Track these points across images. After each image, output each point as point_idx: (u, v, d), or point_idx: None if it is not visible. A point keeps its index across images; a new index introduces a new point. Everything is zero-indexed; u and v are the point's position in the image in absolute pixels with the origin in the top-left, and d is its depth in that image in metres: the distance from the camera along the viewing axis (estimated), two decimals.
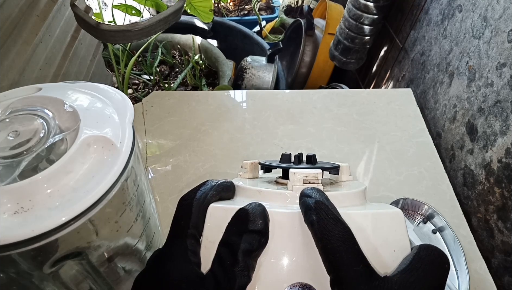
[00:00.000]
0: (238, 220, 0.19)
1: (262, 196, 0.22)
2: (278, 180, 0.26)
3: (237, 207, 0.20)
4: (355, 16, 0.85)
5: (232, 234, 0.19)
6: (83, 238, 0.23)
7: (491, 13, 0.54)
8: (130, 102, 0.26)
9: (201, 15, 0.90)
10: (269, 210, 0.20)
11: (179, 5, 0.49)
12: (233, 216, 0.20)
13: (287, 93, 0.74)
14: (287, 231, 0.20)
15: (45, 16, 0.54)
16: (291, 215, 0.20)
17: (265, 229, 0.19)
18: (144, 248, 0.31)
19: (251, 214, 0.19)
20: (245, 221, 0.19)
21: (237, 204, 0.21)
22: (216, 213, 0.21)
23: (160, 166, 0.59)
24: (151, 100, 0.69)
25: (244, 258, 0.18)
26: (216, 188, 0.22)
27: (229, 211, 0.20)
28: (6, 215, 0.18)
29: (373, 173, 0.58)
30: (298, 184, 0.21)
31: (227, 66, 1.01)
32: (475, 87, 0.57)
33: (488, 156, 0.53)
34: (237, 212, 0.20)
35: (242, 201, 0.22)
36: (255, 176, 0.28)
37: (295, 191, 0.21)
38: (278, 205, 0.21)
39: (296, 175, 0.21)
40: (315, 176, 0.22)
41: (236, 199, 0.24)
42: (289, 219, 0.20)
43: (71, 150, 0.21)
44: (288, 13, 1.61)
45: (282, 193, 0.22)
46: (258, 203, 0.20)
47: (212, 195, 0.22)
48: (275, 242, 0.20)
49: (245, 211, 0.19)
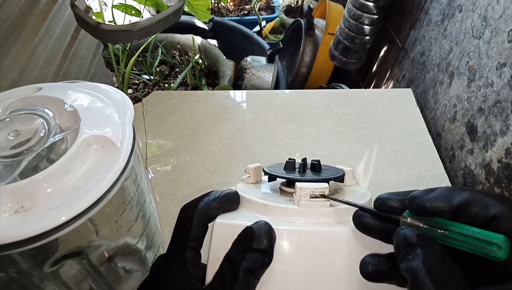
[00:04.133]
0: (243, 238, 0.19)
1: (267, 210, 0.22)
2: (282, 188, 0.26)
3: (243, 225, 0.20)
4: (355, 16, 0.85)
5: (236, 251, 0.19)
6: (83, 238, 0.23)
7: (491, 13, 0.54)
8: (130, 102, 0.26)
9: (198, 13, 0.90)
10: (275, 227, 0.20)
11: (179, 5, 0.49)
12: (240, 233, 0.20)
13: (287, 93, 0.74)
14: (292, 250, 0.20)
15: (45, 16, 0.54)
16: (297, 233, 0.20)
17: (269, 248, 0.19)
18: (144, 248, 0.31)
19: (256, 232, 0.19)
20: (250, 239, 0.19)
21: (243, 218, 0.21)
22: (222, 229, 0.21)
23: (160, 166, 0.59)
24: (151, 100, 0.69)
25: (245, 276, 0.18)
26: (220, 200, 0.22)
27: (235, 228, 0.20)
28: (7, 214, 0.18)
29: (373, 173, 0.58)
30: (305, 199, 0.21)
31: (227, 66, 1.01)
32: (475, 87, 0.57)
33: (488, 156, 0.53)
34: (243, 230, 0.20)
35: (247, 215, 0.22)
36: (258, 181, 0.28)
37: (301, 207, 0.21)
38: (283, 220, 0.21)
39: (303, 191, 0.21)
40: (322, 191, 0.21)
41: (241, 211, 0.23)
42: (294, 238, 0.20)
43: (71, 149, 0.21)
44: (288, 13, 1.61)
45: (288, 209, 0.21)
46: (265, 222, 0.20)
47: (214, 207, 0.22)
48: (279, 261, 0.19)
49: (251, 230, 0.19)
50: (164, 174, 0.57)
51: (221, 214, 0.22)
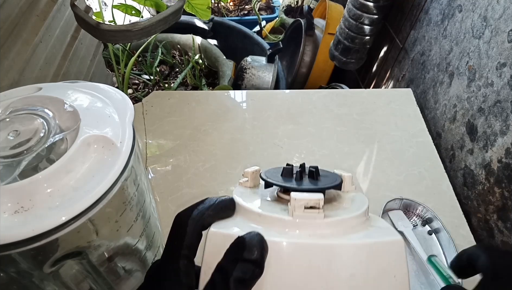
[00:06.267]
0: (234, 247, 0.20)
1: (262, 219, 0.22)
2: (279, 195, 0.26)
3: (235, 234, 0.20)
4: (355, 16, 0.85)
5: (227, 261, 0.19)
6: (83, 238, 0.23)
7: (491, 13, 0.54)
8: (130, 101, 0.26)
9: (198, 12, 0.90)
10: (267, 238, 0.20)
11: (179, 5, 0.49)
12: (231, 243, 0.20)
13: (287, 93, 0.74)
14: (284, 262, 0.20)
15: (45, 16, 0.54)
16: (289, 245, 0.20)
17: (260, 259, 0.19)
18: (144, 248, 0.31)
19: (248, 243, 0.19)
20: (241, 249, 0.19)
21: (237, 226, 0.21)
22: (215, 239, 0.21)
23: (160, 166, 0.59)
24: (151, 100, 0.69)
25: (236, 286, 0.18)
26: (214, 207, 0.22)
27: (228, 238, 0.20)
28: (7, 214, 0.18)
29: (373, 173, 0.58)
30: (299, 210, 0.21)
31: (227, 66, 1.01)
32: (475, 87, 0.57)
33: (488, 156, 0.53)
34: (235, 240, 0.20)
35: (241, 224, 0.22)
36: (256, 184, 0.28)
37: (296, 218, 0.21)
38: (277, 231, 0.21)
39: (297, 202, 0.21)
40: (317, 202, 0.21)
41: (236, 219, 0.23)
42: (286, 250, 0.20)
43: (71, 149, 0.21)
44: (288, 13, 1.61)
45: (282, 220, 0.21)
46: (257, 233, 0.20)
47: (208, 215, 0.22)
48: (271, 272, 0.19)
49: (242, 240, 0.19)
50: (164, 174, 0.57)
51: (216, 222, 0.22)
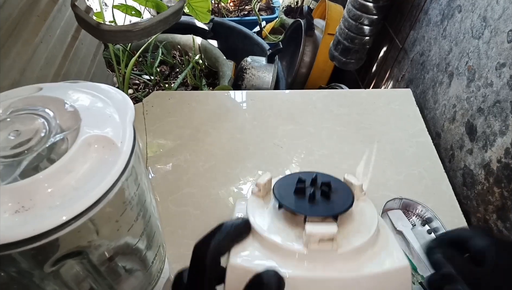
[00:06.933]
0: (253, 285, 0.21)
1: (277, 249, 0.23)
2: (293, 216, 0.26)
3: (254, 269, 0.21)
4: (355, 17, 0.85)
5: None
6: (84, 237, 0.23)
7: (491, 13, 0.54)
8: (130, 101, 0.26)
9: (198, 15, 0.90)
10: (283, 272, 0.21)
11: (179, 5, 0.49)
12: (250, 280, 0.21)
13: (287, 93, 0.74)
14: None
15: (46, 16, 0.54)
16: (304, 280, 0.21)
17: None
18: (144, 248, 0.31)
19: (265, 281, 0.20)
20: (259, 288, 0.20)
21: (255, 258, 0.22)
22: (236, 271, 0.22)
23: (161, 166, 0.59)
24: (152, 100, 0.69)
25: None
26: (231, 236, 0.23)
27: (248, 272, 0.21)
28: (7, 214, 0.18)
29: (373, 173, 0.58)
30: (314, 245, 0.22)
31: (227, 66, 1.01)
32: (474, 87, 0.57)
33: (488, 156, 0.53)
34: (253, 278, 0.21)
35: (259, 253, 0.23)
36: (268, 192, 0.28)
37: (310, 251, 0.22)
38: (292, 263, 0.22)
39: (311, 238, 0.22)
40: (331, 236, 0.22)
41: (254, 245, 0.24)
42: (301, 284, 0.21)
43: (72, 149, 0.21)
44: (288, 13, 1.62)
45: (297, 252, 0.22)
46: (274, 271, 0.21)
47: (225, 245, 0.23)
48: None
49: (260, 279, 0.21)
50: (165, 174, 0.57)
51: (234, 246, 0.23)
